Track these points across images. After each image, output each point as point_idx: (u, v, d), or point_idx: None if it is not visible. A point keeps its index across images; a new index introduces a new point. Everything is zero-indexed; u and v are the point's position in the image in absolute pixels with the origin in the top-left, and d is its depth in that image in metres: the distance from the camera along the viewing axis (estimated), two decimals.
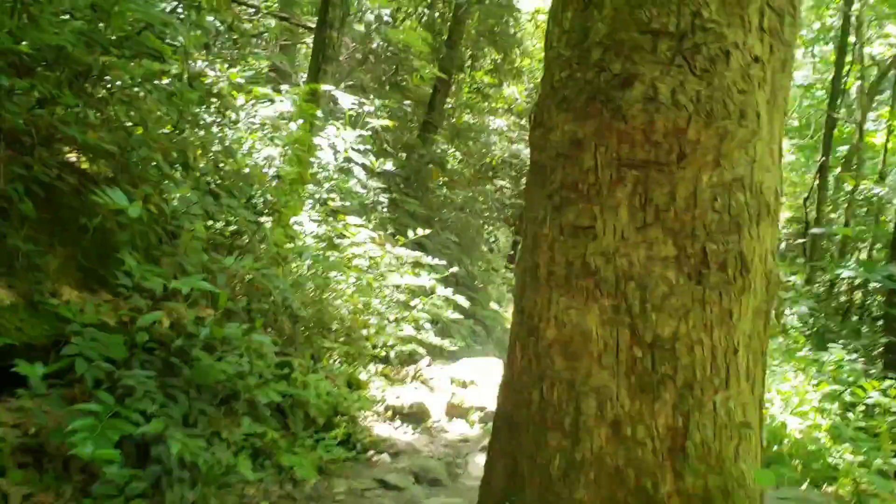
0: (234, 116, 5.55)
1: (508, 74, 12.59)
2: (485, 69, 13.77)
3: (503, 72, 14.15)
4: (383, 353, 5.97)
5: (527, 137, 14.71)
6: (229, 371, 3.34)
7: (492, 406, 5.43)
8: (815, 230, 11.64)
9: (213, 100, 5.26)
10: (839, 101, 15.69)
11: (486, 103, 13.46)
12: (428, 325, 6.24)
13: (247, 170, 4.94)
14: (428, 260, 6.38)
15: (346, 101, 7.45)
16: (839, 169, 17.61)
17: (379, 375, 5.99)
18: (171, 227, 3.83)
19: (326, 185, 6.84)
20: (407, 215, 9.08)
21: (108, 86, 4.09)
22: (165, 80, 4.59)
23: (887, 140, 19.20)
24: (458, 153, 12.19)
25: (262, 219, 4.98)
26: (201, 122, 4.63)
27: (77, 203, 3.79)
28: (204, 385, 3.42)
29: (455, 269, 6.58)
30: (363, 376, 5.70)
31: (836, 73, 15.53)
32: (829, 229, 12.95)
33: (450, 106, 12.63)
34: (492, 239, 14.68)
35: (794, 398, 5.46)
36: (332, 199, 6.81)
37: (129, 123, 4.08)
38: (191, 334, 3.25)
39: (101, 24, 4.12)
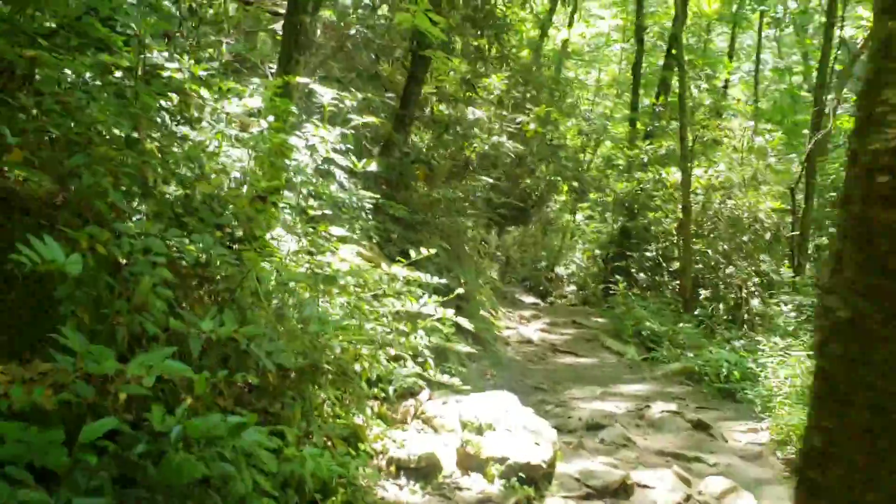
0: (201, 116, 4.66)
1: (494, 63, 11.74)
2: (465, 58, 12.91)
3: (489, 60, 13.31)
4: (381, 393, 5.14)
5: (510, 128, 13.89)
6: (210, 473, 2.49)
7: (515, 456, 4.66)
8: None
9: (172, 98, 4.37)
10: (827, 84, 15.18)
11: (471, 94, 12.58)
12: (428, 354, 5.43)
13: (222, 188, 4.04)
14: (428, 279, 5.54)
15: (325, 95, 6.57)
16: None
17: (375, 418, 5.17)
18: (126, 273, 2.95)
19: (304, 191, 5.96)
20: (391, 220, 8.23)
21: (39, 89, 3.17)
22: (115, 78, 3.70)
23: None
24: (440, 149, 11.32)
25: (238, 245, 4.11)
26: (162, 132, 3.73)
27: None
28: (174, 488, 2.57)
29: (460, 290, 5.75)
30: (359, 420, 4.88)
31: (822, 57, 15.01)
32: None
33: (434, 93, 11.75)
34: (480, 240, 13.87)
35: None
36: (312, 208, 5.94)
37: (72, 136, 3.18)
38: (158, 433, 2.39)
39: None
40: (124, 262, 2.98)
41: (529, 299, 17.26)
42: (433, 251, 5.26)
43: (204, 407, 2.93)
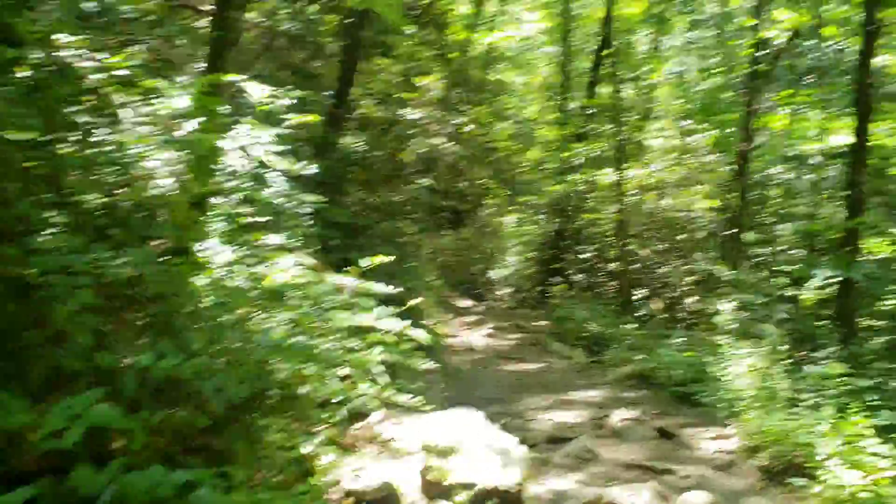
0: (121, 118, 4.15)
1: (432, 62, 11.41)
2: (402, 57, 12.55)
3: (426, 59, 12.99)
4: (333, 417, 4.71)
5: (447, 130, 13.57)
6: None
7: (483, 481, 4.30)
8: None
9: (89, 98, 3.86)
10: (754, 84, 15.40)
11: (409, 94, 12.21)
12: (382, 371, 5.01)
13: (151, 195, 3.56)
14: (381, 288, 5.14)
15: (257, 92, 6.09)
16: None
17: (326, 445, 4.73)
18: (41, 297, 2.46)
19: (235, 197, 5.47)
20: (331, 226, 7.78)
21: None
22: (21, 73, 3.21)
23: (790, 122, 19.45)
24: (377, 150, 10.89)
25: (168, 259, 3.63)
26: (78, 135, 3.24)
27: None
28: None
29: (415, 300, 5.36)
30: (308, 448, 4.44)
31: (750, 58, 15.24)
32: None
33: (371, 92, 11.33)
34: (421, 245, 13.50)
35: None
36: (242, 217, 5.46)
37: None
38: (85, 499, 1.94)
39: None
40: (37, 283, 2.50)
41: (466, 303, 17.00)
42: (389, 258, 4.89)
43: (140, 455, 2.46)
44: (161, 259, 3.45)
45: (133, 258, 2.77)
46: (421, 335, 5.20)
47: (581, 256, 16.84)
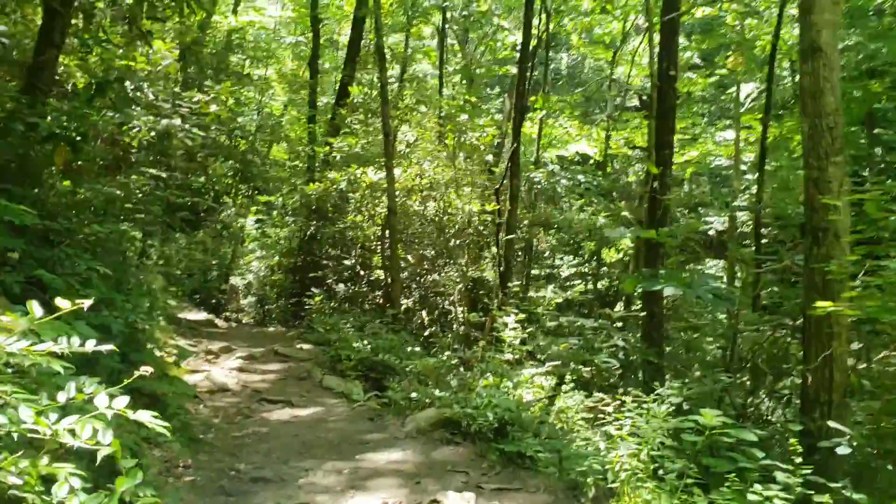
0: None
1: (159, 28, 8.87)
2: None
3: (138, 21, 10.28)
4: None
5: (183, 110, 10.92)
6: None
7: None
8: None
9: None
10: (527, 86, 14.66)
11: (130, 64, 9.50)
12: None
13: None
14: (78, 344, 2.85)
15: None
16: None
17: None
18: None
19: None
20: (9, 232, 5.14)
21: None
22: None
23: (540, 129, 19.37)
24: (87, 128, 8.07)
25: None
26: None
27: None
28: None
29: (146, 369, 3.10)
30: None
31: (522, 55, 14.42)
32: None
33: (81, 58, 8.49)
34: (147, 254, 10.73)
35: None
36: None
37: None
38: None
39: None
40: None
41: (201, 315, 14.36)
42: (86, 302, 2.63)
43: None
44: None
45: None
46: (146, 417, 2.94)
47: (343, 263, 14.99)
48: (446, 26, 20.59)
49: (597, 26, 19.87)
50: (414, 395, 7.22)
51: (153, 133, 10.29)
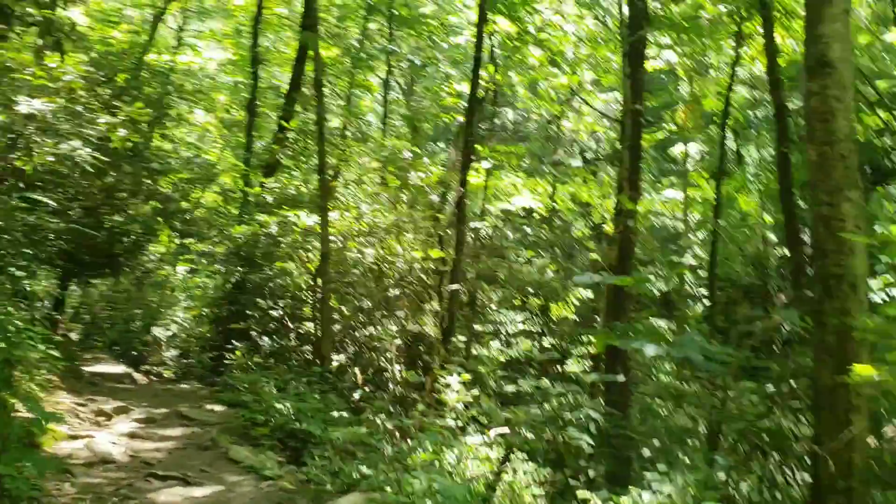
0: None
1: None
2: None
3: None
4: None
5: (87, 131, 9.58)
6: None
7: None
8: None
9: None
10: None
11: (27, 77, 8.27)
12: None
13: None
14: None
15: None
16: None
17: None
18: None
19: None
20: None
21: None
22: None
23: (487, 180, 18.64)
24: None
25: None
26: None
27: None
28: None
29: None
30: None
31: (470, 103, 13.58)
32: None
33: None
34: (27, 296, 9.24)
35: None
36: None
37: None
38: None
39: None
40: None
41: (119, 369, 12.75)
42: None
43: None
44: None
45: None
46: None
47: (270, 314, 13.60)
48: (390, 78, 19.91)
49: (543, 80, 19.44)
50: (334, 469, 5.95)
51: (51, 158, 8.99)
